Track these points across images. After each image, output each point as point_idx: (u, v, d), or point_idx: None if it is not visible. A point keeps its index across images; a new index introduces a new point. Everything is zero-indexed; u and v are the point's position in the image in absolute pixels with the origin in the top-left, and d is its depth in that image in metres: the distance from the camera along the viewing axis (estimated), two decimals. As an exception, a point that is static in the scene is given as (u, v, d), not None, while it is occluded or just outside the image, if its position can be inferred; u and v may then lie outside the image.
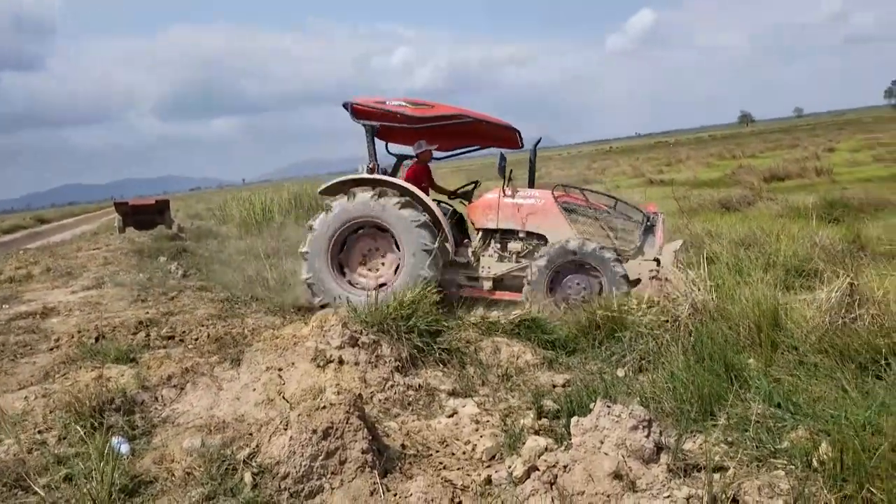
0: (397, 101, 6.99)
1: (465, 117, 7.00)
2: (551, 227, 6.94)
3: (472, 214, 7.30)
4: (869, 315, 4.58)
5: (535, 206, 7.01)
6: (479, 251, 7.17)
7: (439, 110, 6.96)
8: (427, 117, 6.97)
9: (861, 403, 3.66)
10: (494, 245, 7.17)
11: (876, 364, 4.17)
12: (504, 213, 7.06)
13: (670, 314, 5.52)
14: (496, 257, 7.11)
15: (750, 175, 22.02)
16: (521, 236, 7.10)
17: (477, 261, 7.14)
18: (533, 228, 7.04)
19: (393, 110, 6.92)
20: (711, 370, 4.33)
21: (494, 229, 7.15)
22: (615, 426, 3.61)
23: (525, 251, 7.06)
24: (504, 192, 7.11)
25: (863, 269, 6.23)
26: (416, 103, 6.98)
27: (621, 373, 5.10)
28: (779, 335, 4.82)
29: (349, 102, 7.12)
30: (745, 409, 3.89)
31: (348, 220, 6.77)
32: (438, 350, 5.12)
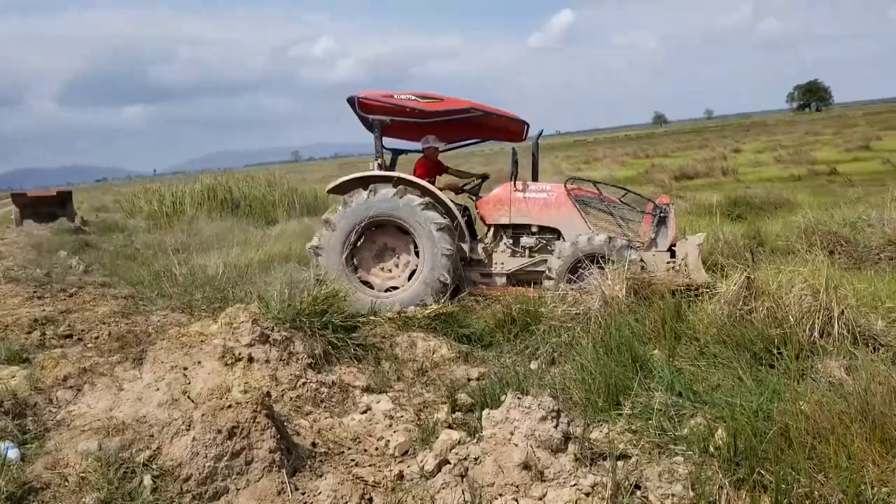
0: (405, 94, 6.85)
1: (475, 110, 6.92)
2: (565, 221, 6.90)
3: (483, 210, 7.18)
4: (764, 307, 4.82)
5: (548, 200, 6.96)
6: (490, 247, 7.08)
7: (449, 104, 6.88)
8: (438, 111, 6.86)
9: (754, 391, 3.85)
10: (506, 240, 7.09)
11: (769, 353, 4.39)
12: (516, 208, 6.97)
13: (582, 307, 5.66)
14: (509, 253, 7.04)
15: (662, 174, 22.92)
16: (533, 231, 7.04)
17: (489, 257, 7.05)
18: (546, 222, 6.98)
19: (403, 104, 6.78)
20: (619, 361, 4.46)
21: (507, 225, 7.07)
22: (525, 417, 3.65)
23: (538, 245, 7.01)
24: (515, 187, 7.03)
25: (760, 264, 6.60)
26: (424, 97, 6.85)
27: (534, 365, 5.19)
28: (682, 327, 5.01)
29: (355, 97, 6.92)
30: (649, 399, 4.03)
31: (368, 216, 6.54)
32: (353, 346, 5.06)
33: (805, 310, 4.61)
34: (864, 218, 8.94)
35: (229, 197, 17.54)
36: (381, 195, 6.51)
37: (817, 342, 4.45)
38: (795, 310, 4.63)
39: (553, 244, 6.93)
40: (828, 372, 4.04)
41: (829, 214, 9.44)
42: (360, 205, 6.54)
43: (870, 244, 8.04)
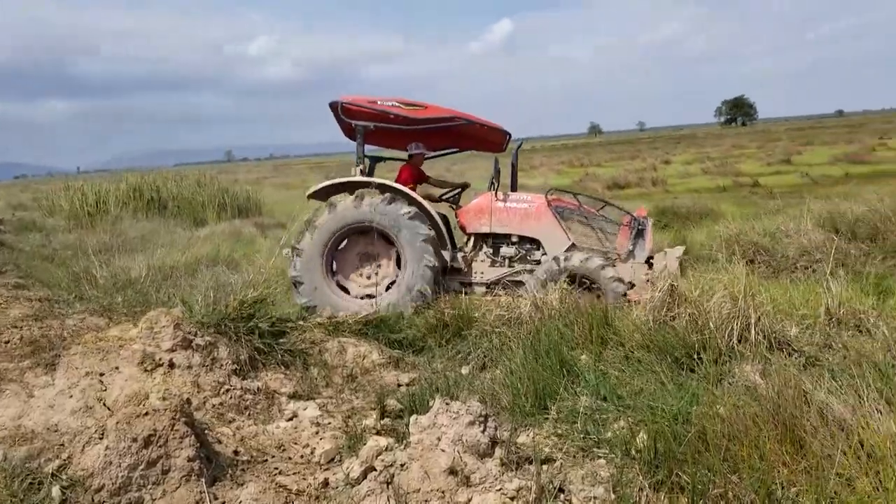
0: (389, 100, 6.80)
1: (459, 119, 6.93)
2: (545, 232, 6.96)
3: (463, 219, 7.19)
4: (686, 314, 4.97)
5: (529, 211, 7.00)
6: (470, 256, 7.06)
7: (433, 112, 6.85)
8: (422, 119, 6.85)
9: (675, 395, 3.96)
10: (486, 250, 7.10)
11: (690, 358, 4.53)
12: (497, 218, 6.99)
13: (514, 312, 5.71)
14: (488, 262, 7.04)
15: (595, 183, 23.46)
16: (513, 241, 7.06)
17: (468, 266, 7.01)
18: (527, 233, 7.02)
19: (387, 110, 6.75)
20: (547, 366, 4.52)
21: (487, 234, 7.08)
22: (453, 423, 3.65)
23: (518, 256, 7.04)
24: (496, 197, 7.05)
25: (685, 272, 6.80)
26: (408, 104, 6.81)
27: (465, 370, 5.21)
28: (609, 333, 5.11)
29: (338, 102, 6.84)
30: (575, 403, 4.09)
31: (353, 222, 6.51)
32: (281, 351, 4.95)
33: (724, 316, 4.77)
34: (782, 229, 9.36)
35: (156, 197, 16.94)
36: (368, 202, 6.49)
37: (735, 347, 4.61)
38: (715, 316, 4.79)
39: (533, 254, 6.99)
40: (744, 376, 4.19)
41: (750, 225, 9.85)
42: (347, 210, 6.51)
43: (787, 254, 8.42)
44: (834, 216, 9.49)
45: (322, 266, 6.56)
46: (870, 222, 9.08)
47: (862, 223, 9.12)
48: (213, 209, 16.40)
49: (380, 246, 6.78)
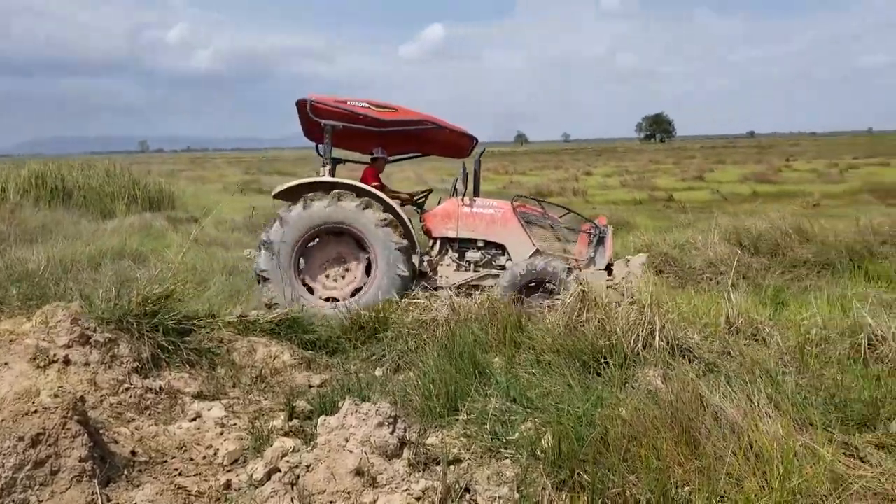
0: (358, 101, 6.71)
1: (428, 123, 6.89)
2: (511, 237, 7.00)
3: (429, 223, 7.17)
4: (595, 319, 5.12)
5: (495, 217, 7.04)
6: (435, 261, 7.04)
7: (403, 114, 6.79)
8: (392, 121, 6.78)
9: (581, 397, 4.06)
10: (452, 254, 7.09)
11: (597, 363, 4.66)
12: (464, 223, 7.01)
13: (431, 315, 5.73)
14: (454, 267, 7.03)
15: (519, 190, 23.86)
16: (479, 245, 7.09)
17: (434, 271, 6.99)
18: (493, 238, 7.05)
19: (356, 111, 6.66)
20: (460, 368, 4.55)
21: (453, 239, 7.08)
22: (362, 424, 3.62)
23: (483, 260, 7.05)
24: (463, 202, 7.05)
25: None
26: (379, 105, 6.73)
27: (379, 372, 5.18)
28: (522, 336, 5.20)
29: (307, 100, 6.70)
30: (486, 404, 4.14)
31: (327, 222, 6.42)
32: (187, 350, 4.78)
33: (631, 323, 4.94)
34: (691, 241, 9.80)
35: (61, 185, 15.99)
36: (344, 204, 6.42)
37: (640, 353, 4.78)
38: (623, 323, 4.95)
39: (498, 259, 7.05)
40: (646, 380, 4.35)
41: (661, 237, 10.26)
42: (322, 209, 6.41)
43: (694, 265, 8.82)
44: (739, 231, 10.01)
45: (291, 262, 6.47)
46: (771, 238, 9.62)
47: (764, 239, 9.66)
48: (123, 201, 15.70)
49: (350, 249, 6.73)
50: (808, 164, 37.98)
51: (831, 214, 14.01)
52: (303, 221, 6.43)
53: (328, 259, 6.83)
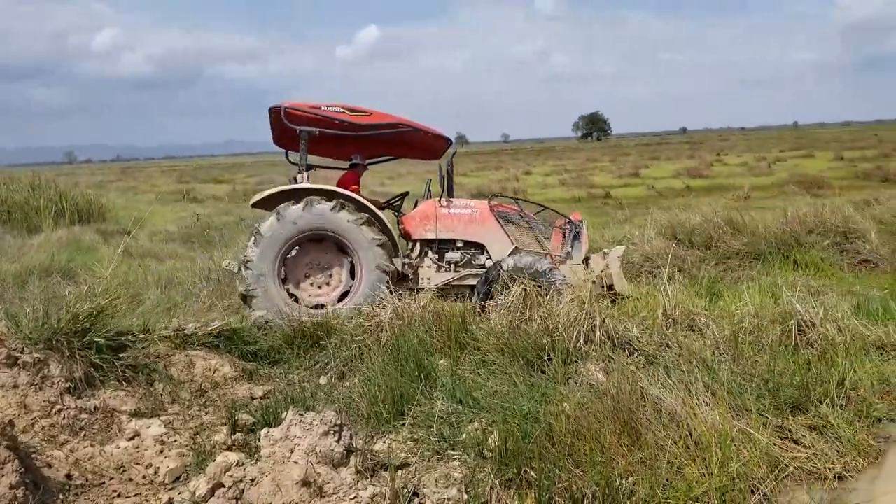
0: (333, 106, 6.65)
1: (403, 126, 6.88)
2: (489, 236, 7.05)
3: (408, 225, 7.15)
4: (538, 317, 5.18)
5: (473, 216, 7.09)
6: (415, 263, 7.00)
7: (377, 118, 6.76)
8: (367, 125, 6.75)
9: (526, 395, 4.11)
10: (432, 255, 7.07)
11: (541, 360, 4.72)
12: (442, 224, 7.01)
13: (374, 320, 5.69)
14: (434, 268, 7.03)
15: (460, 191, 23.94)
16: (458, 246, 7.10)
17: (415, 273, 6.95)
18: (471, 237, 7.08)
19: (332, 116, 6.60)
20: (405, 372, 4.54)
21: (432, 240, 7.07)
22: (307, 434, 3.58)
23: (463, 260, 7.06)
24: (440, 203, 7.05)
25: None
26: (353, 109, 6.70)
27: (323, 380, 5.12)
28: (467, 337, 5.22)
29: (281, 106, 6.60)
30: (432, 407, 4.14)
31: (304, 230, 6.28)
32: (122, 367, 4.61)
33: (573, 319, 5.02)
34: (628, 237, 10.02)
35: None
36: (317, 209, 6.31)
37: (582, 348, 4.86)
38: (565, 319, 5.03)
39: (478, 258, 7.10)
40: (589, 375, 4.42)
41: (600, 233, 10.46)
42: (296, 218, 6.29)
43: (632, 260, 9.00)
44: (674, 225, 10.28)
45: (274, 276, 6.35)
46: (705, 231, 9.91)
47: (698, 232, 9.94)
48: (50, 215, 15.04)
49: (331, 254, 6.66)
50: (738, 159, 39.35)
51: (761, 206, 14.54)
52: (280, 233, 6.34)
53: (310, 266, 6.75)
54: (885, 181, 20.53)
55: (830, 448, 3.73)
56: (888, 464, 3.70)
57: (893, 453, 3.81)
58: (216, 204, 23.18)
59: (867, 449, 3.78)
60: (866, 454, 3.74)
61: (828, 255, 9.00)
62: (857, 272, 8.62)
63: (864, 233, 9.30)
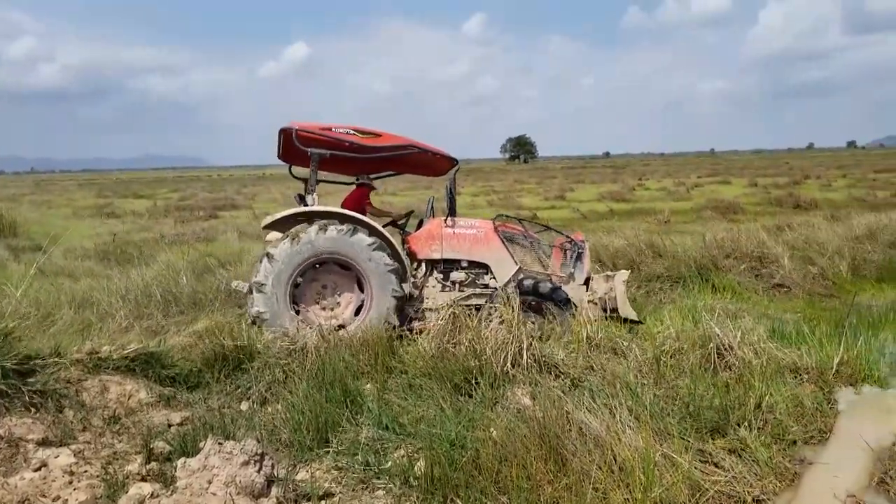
0: (343, 128, 6.67)
1: (412, 148, 6.95)
2: (494, 256, 7.09)
3: (414, 245, 7.14)
4: (467, 340, 5.17)
5: (478, 237, 7.12)
6: (420, 282, 7.05)
7: (387, 140, 6.81)
8: (377, 147, 6.80)
9: (454, 420, 4.08)
10: (437, 275, 7.11)
11: (469, 384, 4.70)
12: (448, 244, 7.05)
13: (299, 343, 5.56)
14: (439, 287, 7.07)
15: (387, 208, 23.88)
16: (463, 265, 7.13)
17: (420, 292, 6.99)
18: (476, 258, 7.11)
19: (342, 138, 6.62)
20: (330, 397, 4.45)
21: (438, 260, 7.10)
22: (226, 464, 3.45)
23: (468, 280, 7.11)
24: (446, 223, 7.09)
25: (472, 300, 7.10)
26: (363, 132, 6.73)
27: (245, 406, 4.95)
28: (394, 361, 5.16)
29: (292, 129, 6.55)
30: (357, 434, 4.05)
31: (316, 254, 6.26)
32: (29, 393, 4.34)
33: (500, 342, 5.04)
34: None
35: None
36: (330, 233, 6.30)
37: (509, 371, 4.88)
38: (492, 342, 5.04)
39: (482, 278, 7.13)
40: (516, 399, 4.44)
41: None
42: (310, 241, 6.27)
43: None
44: (598, 248, 10.52)
45: (286, 299, 6.28)
46: (627, 254, 10.20)
47: (621, 255, 10.22)
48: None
49: (340, 276, 6.63)
50: (658, 183, 40.77)
51: (681, 230, 15.06)
52: (293, 256, 6.29)
53: (319, 289, 6.72)
54: (797, 207, 21.66)
55: (749, 471, 3.85)
56: (804, 486, 3.84)
57: (808, 475, 3.96)
58: (136, 220, 22.35)
59: (784, 471, 3.92)
60: (783, 476, 3.88)
61: (744, 279, 9.39)
62: (772, 296, 9.01)
63: (777, 258, 9.75)
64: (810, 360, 5.39)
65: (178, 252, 10.68)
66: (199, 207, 27.65)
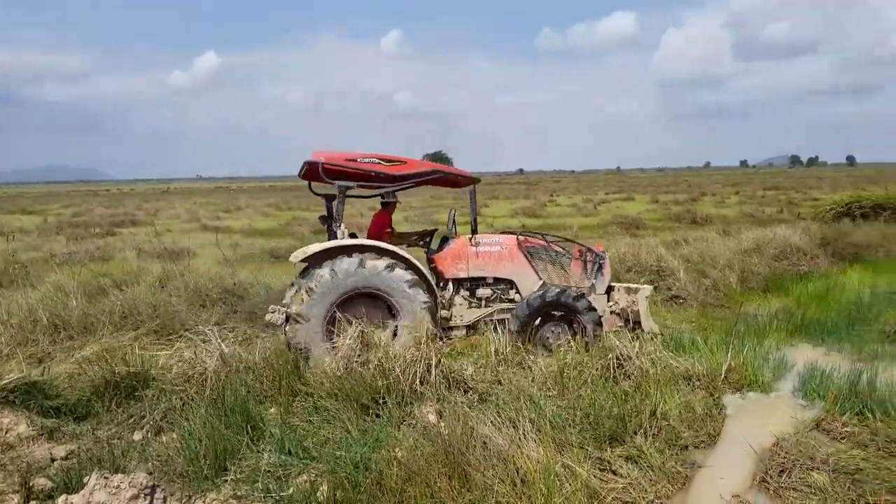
0: (368, 157, 6.67)
1: (437, 173, 7.04)
2: (518, 272, 7.28)
3: (441, 265, 7.28)
4: (376, 359, 5.11)
5: (503, 254, 7.29)
6: (446, 301, 7.10)
7: (412, 167, 6.85)
8: (404, 175, 6.85)
9: (359, 441, 4.01)
10: (463, 293, 7.25)
11: (376, 403, 4.64)
12: (473, 262, 7.23)
13: (198, 367, 5.34)
14: (466, 305, 7.20)
15: (303, 226, 23.44)
16: (489, 282, 7.30)
17: (448, 310, 7.06)
18: (501, 274, 7.29)
19: (368, 169, 6.63)
20: (230, 424, 4.28)
21: (464, 278, 7.24)
22: (112, 499, 3.25)
23: (493, 296, 7.26)
24: (471, 242, 7.23)
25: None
26: (388, 160, 6.73)
27: (138, 436, 4.69)
28: (299, 383, 5.03)
29: (319, 162, 6.52)
30: (258, 460, 3.91)
31: (356, 287, 6.29)
32: None
33: (409, 360, 5.01)
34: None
35: None
36: (370, 267, 6.34)
37: (418, 389, 4.85)
38: (401, 360, 5.01)
39: (507, 293, 7.30)
40: (423, 416, 4.41)
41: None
42: (349, 275, 6.27)
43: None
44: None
45: (323, 329, 6.23)
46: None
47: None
48: None
49: (370, 307, 6.50)
50: (568, 200, 41.97)
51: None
52: (332, 289, 6.27)
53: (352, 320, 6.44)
54: (693, 223, 22.79)
55: (644, 477, 3.97)
56: (693, 489, 4.00)
57: (697, 478, 4.12)
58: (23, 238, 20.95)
59: (676, 476, 4.06)
60: (675, 480, 4.02)
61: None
62: (669, 307, 9.40)
63: (673, 271, 10.21)
64: (702, 368, 5.65)
65: (69, 272, 10.06)
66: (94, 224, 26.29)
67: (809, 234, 14.16)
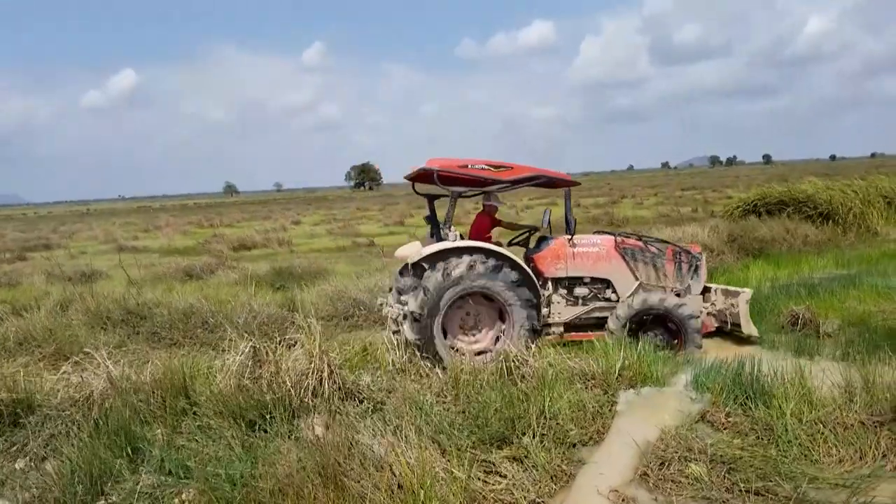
0: (478, 163, 7.06)
1: (542, 177, 7.36)
2: (616, 272, 7.56)
3: (540, 264, 7.58)
4: (268, 374, 5.08)
5: (601, 254, 7.57)
6: (546, 299, 7.39)
7: (519, 172, 7.21)
8: (512, 180, 7.22)
9: (244, 458, 3.98)
10: (561, 291, 7.53)
11: (264, 419, 4.61)
12: (572, 262, 7.52)
13: (85, 391, 5.18)
14: (564, 303, 7.48)
15: (221, 244, 22.96)
16: (586, 281, 7.59)
17: (546, 307, 7.35)
18: (599, 274, 7.58)
19: (479, 175, 7.06)
20: (111, 446, 4.18)
21: (563, 278, 7.53)
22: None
23: (591, 295, 7.56)
24: (570, 242, 7.50)
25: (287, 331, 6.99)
26: (496, 166, 7.12)
27: (21, 464, 4.53)
28: (186, 402, 4.95)
29: (433, 169, 6.93)
30: (137, 482, 3.84)
31: (467, 288, 6.72)
32: None
33: (300, 373, 5.00)
34: (380, 285, 10.27)
35: None
36: (480, 269, 6.75)
37: (310, 402, 4.84)
38: (292, 373, 4.99)
39: (605, 293, 7.60)
40: (309, 429, 4.41)
41: (354, 282, 10.63)
42: (461, 276, 6.69)
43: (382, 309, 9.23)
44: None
45: (438, 328, 6.66)
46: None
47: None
48: None
49: (483, 307, 7.05)
50: (494, 207, 42.57)
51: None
52: (445, 290, 6.68)
53: (462, 318, 7.11)
54: (611, 224, 23.51)
55: (528, 476, 4.08)
56: (576, 485, 4.13)
57: (581, 475, 4.25)
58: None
59: (559, 474, 4.18)
60: (559, 478, 4.14)
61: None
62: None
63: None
64: (597, 367, 5.82)
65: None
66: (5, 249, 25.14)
67: (717, 232, 14.83)
